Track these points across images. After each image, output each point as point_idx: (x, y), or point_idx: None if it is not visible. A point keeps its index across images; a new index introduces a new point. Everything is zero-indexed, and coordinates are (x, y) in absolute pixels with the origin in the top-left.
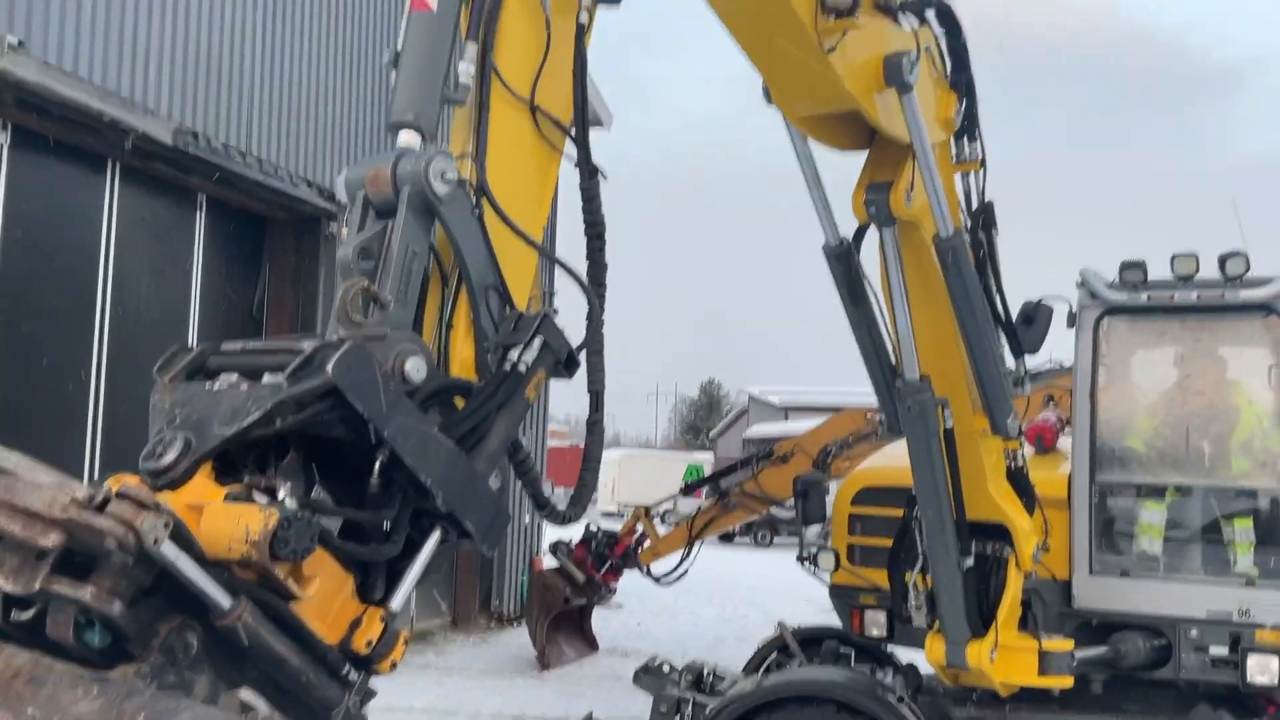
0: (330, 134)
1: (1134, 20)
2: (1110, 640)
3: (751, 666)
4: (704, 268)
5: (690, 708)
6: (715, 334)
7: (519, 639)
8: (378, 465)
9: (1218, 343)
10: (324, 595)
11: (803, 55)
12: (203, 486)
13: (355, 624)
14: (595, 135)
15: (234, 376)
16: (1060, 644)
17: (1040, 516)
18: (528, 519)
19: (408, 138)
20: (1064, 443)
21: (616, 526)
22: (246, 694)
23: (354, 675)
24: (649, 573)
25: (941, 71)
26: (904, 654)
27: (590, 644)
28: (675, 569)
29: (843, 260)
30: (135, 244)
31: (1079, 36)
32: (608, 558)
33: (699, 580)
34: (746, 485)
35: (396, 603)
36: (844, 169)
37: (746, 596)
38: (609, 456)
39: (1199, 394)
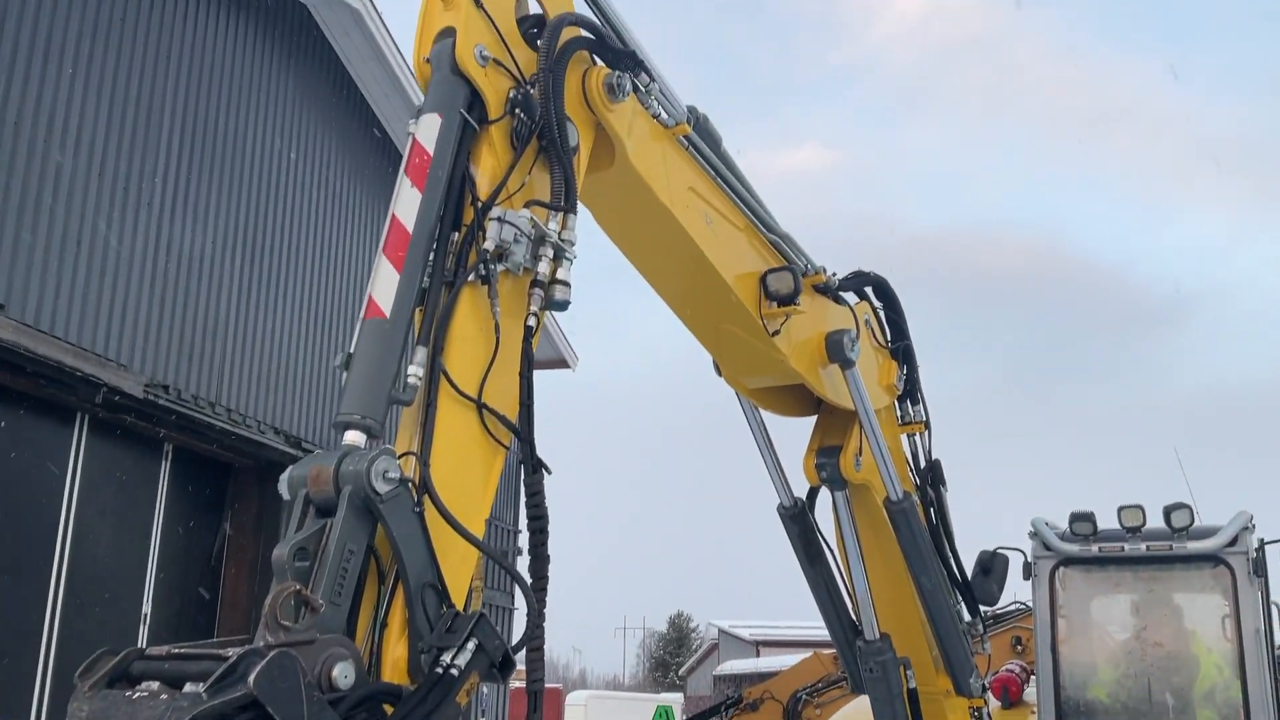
0: (298, 381)
1: (1078, 257)
2: None
3: None
4: (670, 498)
5: None
6: (683, 567)
7: None
8: None
9: (1171, 592)
10: None
11: (749, 338)
12: None
13: None
14: (561, 376)
15: (154, 685)
16: None
17: None
18: None
19: (353, 437)
20: (1030, 694)
21: None
22: None
23: None
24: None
25: (882, 340)
26: None
27: None
28: None
29: (798, 521)
30: (98, 493)
31: (1023, 272)
32: None
33: None
34: None
35: None
36: (797, 427)
37: None
38: (575, 700)
39: (1157, 644)
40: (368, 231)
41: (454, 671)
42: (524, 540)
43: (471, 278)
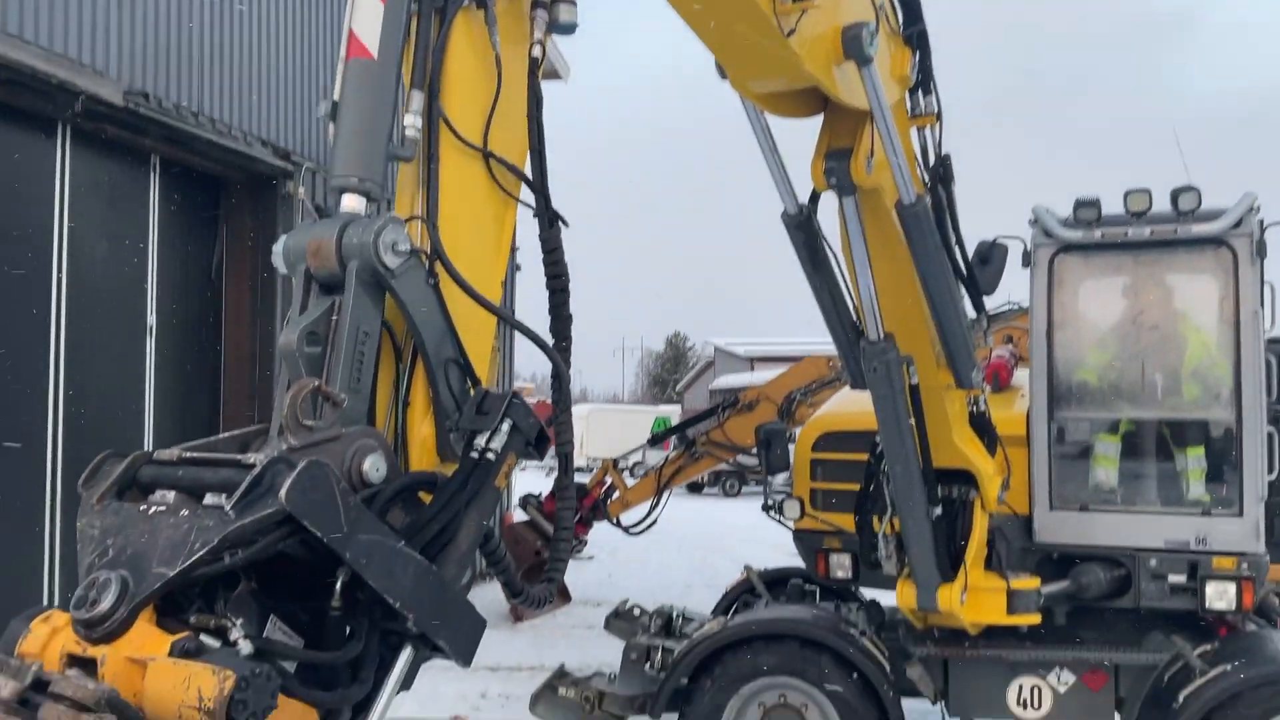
0: (284, 91)
1: None
2: (1071, 573)
3: (720, 609)
4: (668, 221)
5: (659, 654)
6: (681, 287)
7: (492, 592)
8: (339, 586)
9: (1171, 277)
10: None
11: (761, 39)
12: (144, 635)
13: None
14: (553, 89)
15: (171, 497)
16: (1027, 583)
17: (1002, 456)
18: None
19: (352, 202)
20: (1019, 377)
21: (585, 480)
22: None
23: None
24: (618, 523)
25: (895, 26)
26: (868, 591)
27: (563, 595)
28: (644, 519)
29: (803, 228)
30: (90, 207)
31: None
32: (577, 510)
33: (668, 531)
34: (713, 434)
35: None
36: (801, 131)
37: (716, 546)
38: (577, 412)
39: (1152, 328)
40: None
41: (490, 456)
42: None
43: (465, 1)
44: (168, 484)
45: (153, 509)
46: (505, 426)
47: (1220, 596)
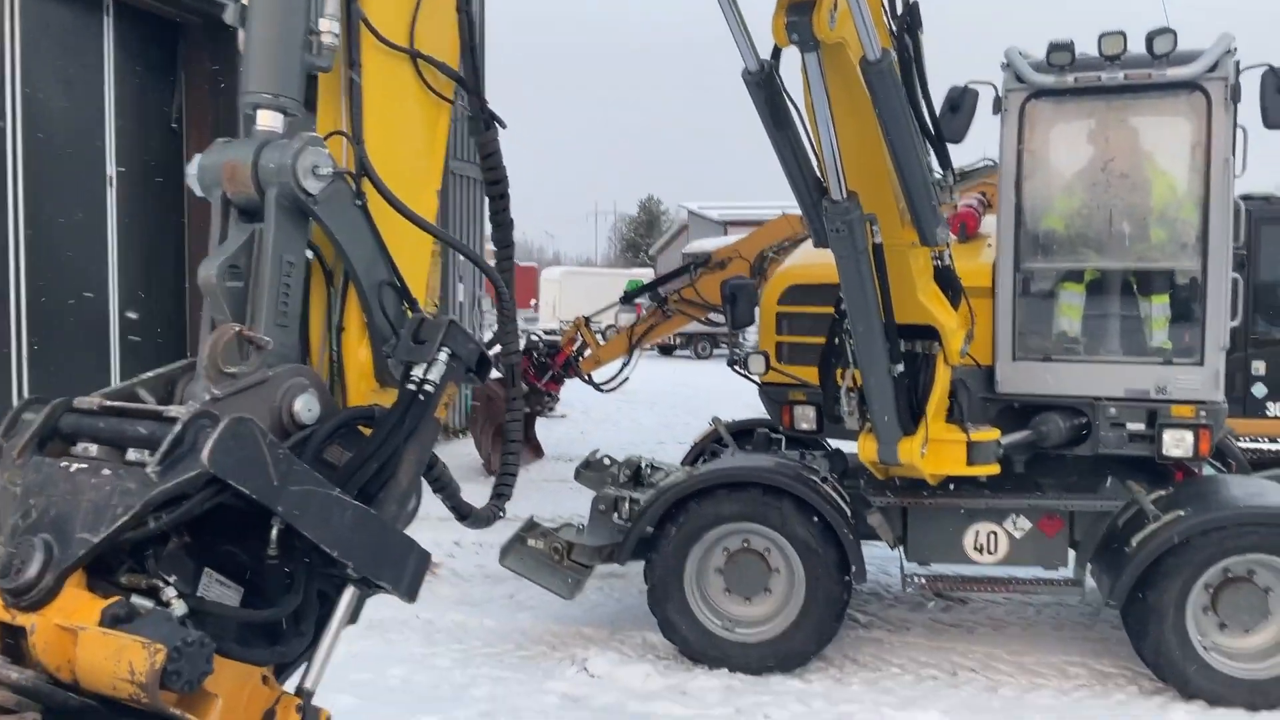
0: None
1: None
2: (1031, 423)
3: (688, 460)
4: (640, 84)
5: (627, 504)
6: (653, 151)
7: (465, 448)
8: (274, 535)
9: (1143, 123)
10: (229, 703)
11: None
12: (74, 600)
13: (269, 715)
14: None
15: (93, 448)
16: (987, 434)
17: (966, 310)
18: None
19: (268, 119)
20: (987, 224)
21: (558, 339)
22: None
23: None
24: (590, 380)
25: None
26: (832, 441)
27: (535, 451)
28: (616, 376)
29: (764, 86)
30: (43, 55)
31: None
32: (549, 367)
33: (640, 390)
34: (684, 292)
35: (311, 681)
36: None
37: (687, 405)
38: (550, 275)
39: (1122, 175)
40: None
41: (429, 389)
42: None
43: None
44: (89, 435)
45: (74, 466)
46: (443, 356)
47: (1177, 444)
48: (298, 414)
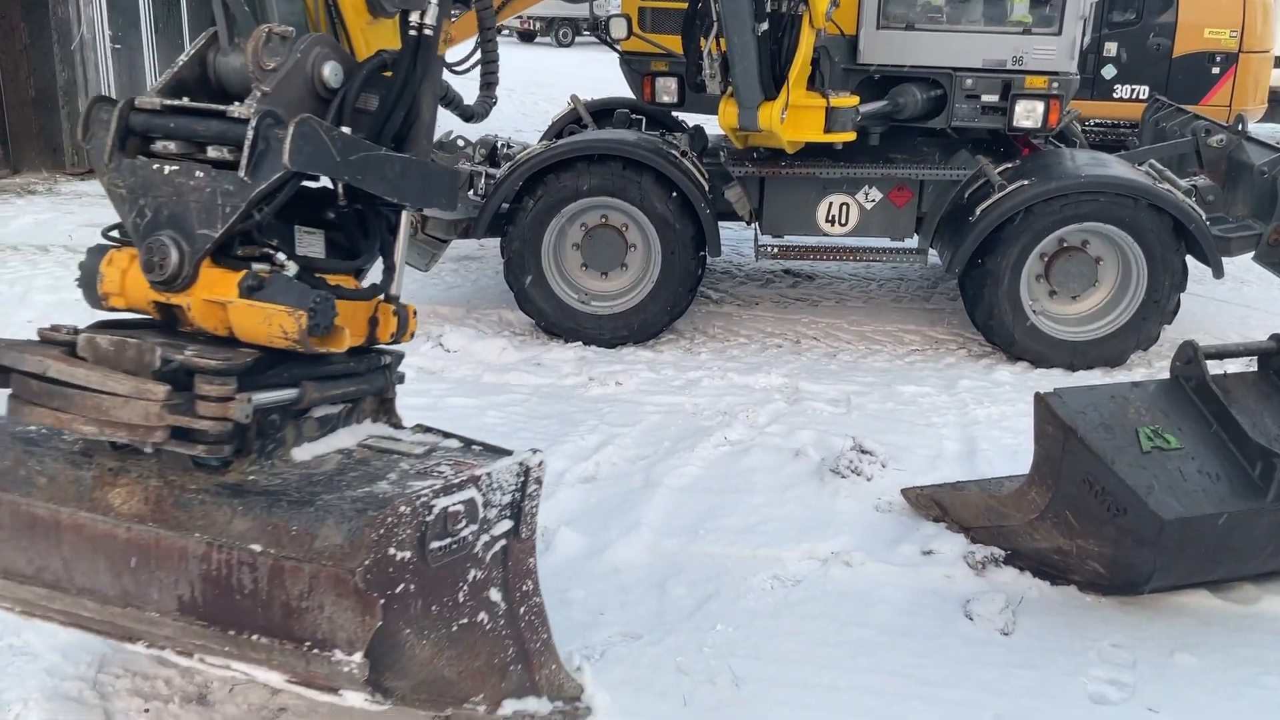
0: None
1: None
2: (890, 93)
3: (546, 138)
4: None
5: (483, 180)
6: None
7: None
8: (340, 189)
9: None
10: (350, 326)
11: None
12: (210, 278)
13: (374, 321)
14: None
15: (172, 147)
16: (846, 100)
17: None
18: None
19: None
20: None
21: None
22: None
23: (387, 360)
24: (443, 61)
25: None
26: (692, 118)
27: None
28: (469, 57)
29: None
30: None
31: None
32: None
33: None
34: None
35: (396, 289)
36: None
37: (545, 93)
38: None
39: None
40: None
41: (428, 31)
42: None
43: None
44: (162, 134)
45: (167, 169)
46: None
47: (1028, 115)
48: (327, 80)
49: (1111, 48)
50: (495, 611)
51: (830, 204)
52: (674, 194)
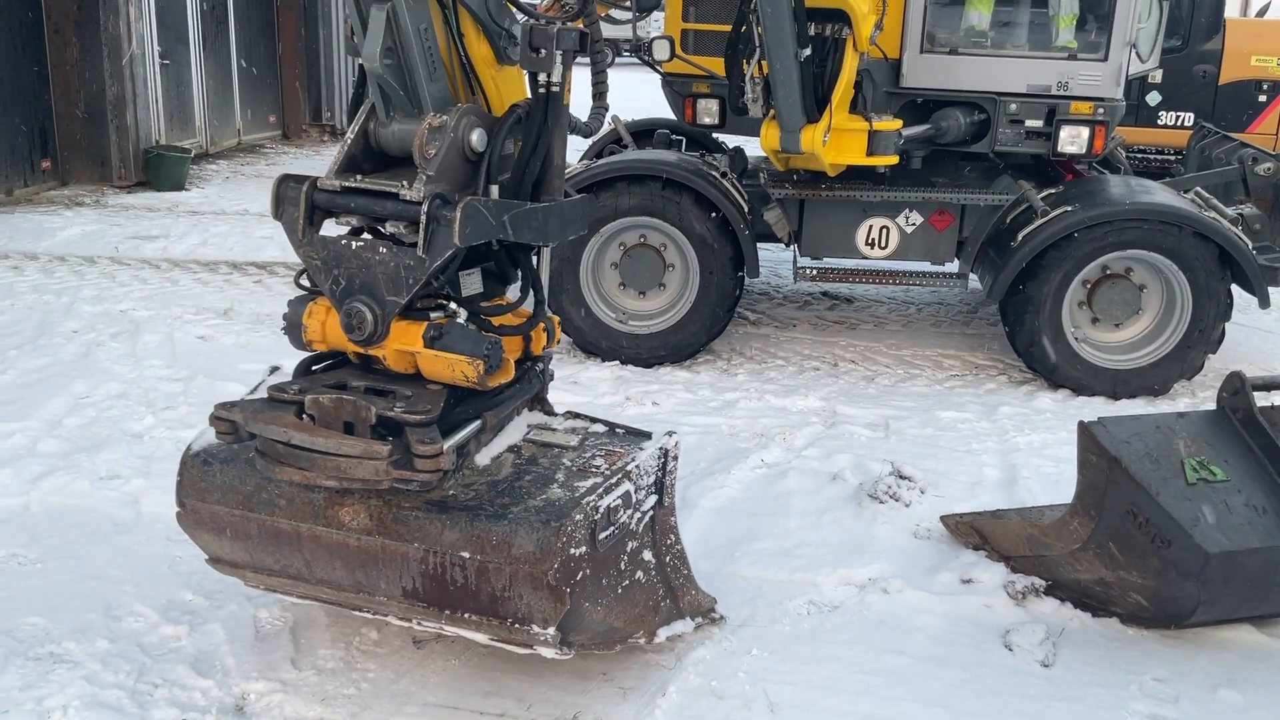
0: None
1: None
2: (933, 117)
3: (586, 158)
4: None
5: None
6: None
7: None
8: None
9: None
10: (507, 345)
11: None
12: (398, 330)
13: (527, 338)
14: None
15: (358, 226)
16: (889, 124)
17: None
18: None
19: None
20: None
21: None
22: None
23: (540, 366)
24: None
25: None
26: (733, 139)
27: None
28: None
29: None
30: None
31: None
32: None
33: None
34: None
35: (545, 306)
36: None
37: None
38: None
39: None
40: None
41: (555, 88)
42: None
43: None
44: (343, 211)
45: (354, 244)
46: (558, 57)
47: (1072, 141)
48: (475, 146)
49: (1157, 74)
50: (649, 568)
51: (870, 227)
52: (713, 215)
